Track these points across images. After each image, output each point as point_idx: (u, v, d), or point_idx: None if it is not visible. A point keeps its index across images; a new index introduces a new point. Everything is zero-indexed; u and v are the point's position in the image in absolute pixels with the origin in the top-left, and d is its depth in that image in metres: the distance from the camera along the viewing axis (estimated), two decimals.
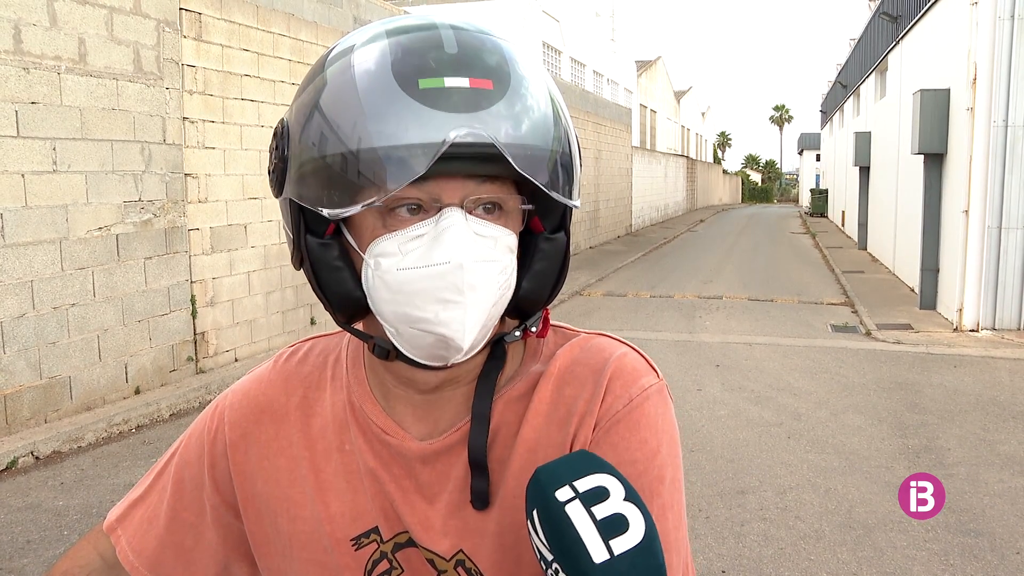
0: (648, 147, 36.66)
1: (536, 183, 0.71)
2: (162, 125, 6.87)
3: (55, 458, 5.44)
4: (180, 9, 7.05)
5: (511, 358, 0.85)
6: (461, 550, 0.81)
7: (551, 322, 0.87)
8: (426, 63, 0.69)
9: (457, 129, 0.67)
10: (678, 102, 49.15)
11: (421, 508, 0.82)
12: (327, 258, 0.75)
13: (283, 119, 0.77)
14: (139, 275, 6.67)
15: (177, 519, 0.91)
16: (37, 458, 5.40)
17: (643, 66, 39.14)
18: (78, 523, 4.42)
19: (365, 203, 0.70)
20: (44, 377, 5.85)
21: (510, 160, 0.68)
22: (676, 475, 0.80)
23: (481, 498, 0.79)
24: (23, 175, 5.65)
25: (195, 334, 7.36)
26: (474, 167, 0.70)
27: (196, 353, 7.37)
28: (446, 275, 0.70)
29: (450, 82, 0.68)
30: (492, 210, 0.73)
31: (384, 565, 0.83)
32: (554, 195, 0.73)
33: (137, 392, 6.68)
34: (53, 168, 5.87)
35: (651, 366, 0.84)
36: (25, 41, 5.64)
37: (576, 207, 0.78)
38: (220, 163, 7.62)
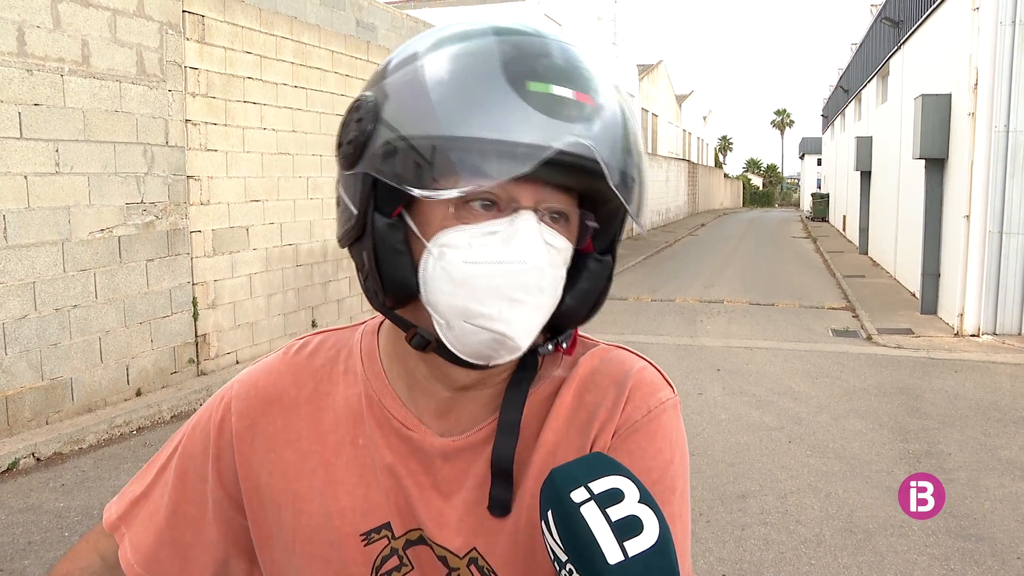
0: (649, 151, 36.68)
1: (623, 203, 0.73)
2: (165, 127, 6.89)
3: (56, 459, 5.45)
4: (183, 12, 7.07)
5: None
6: (475, 548, 0.81)
7: None
8: (536, 67, 0.70)
9: (569, 137, 0.68)
10: (679, 106, 49.17)
11: (437, 504, 0.82)
12: (392, 240, 0.74)
13: (365, 94, 0.75)
14: (141, 277, 6.68)
15: (178, 512, 0.90)
16: (38, 459, 5.40)
17: (645, 70, 39.16)
18: (79, 524, 4.42)
19: (463, 189, 0.68)
20: (46, 378, 5.86)
21: (608, 177, 0.70)
22: (685, 487, 0.82)
23: (503, 506, 0.80)
24: (26, 176, 5.66)
25: (196, 336, 7.36)
26: (555, 175, 0.70)
27: (197, 355, 7.38)
28: (519, 275, 0.70)
29: (557, 90, 0.69)
30: (559, 220, 0.74)
31: (394, 561, 0.83)
32: (636, 221, 0.76)
33: (138, 394, 6.68)
34: (56, 170, 5.88)
35: (667, 382, 0.86)
36: (29, 43, 5.65)
37: (645, 231, 0.81)
38: (222, 165, 7.63)
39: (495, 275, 0.70)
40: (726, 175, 73.14)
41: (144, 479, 0.94)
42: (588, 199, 0.76)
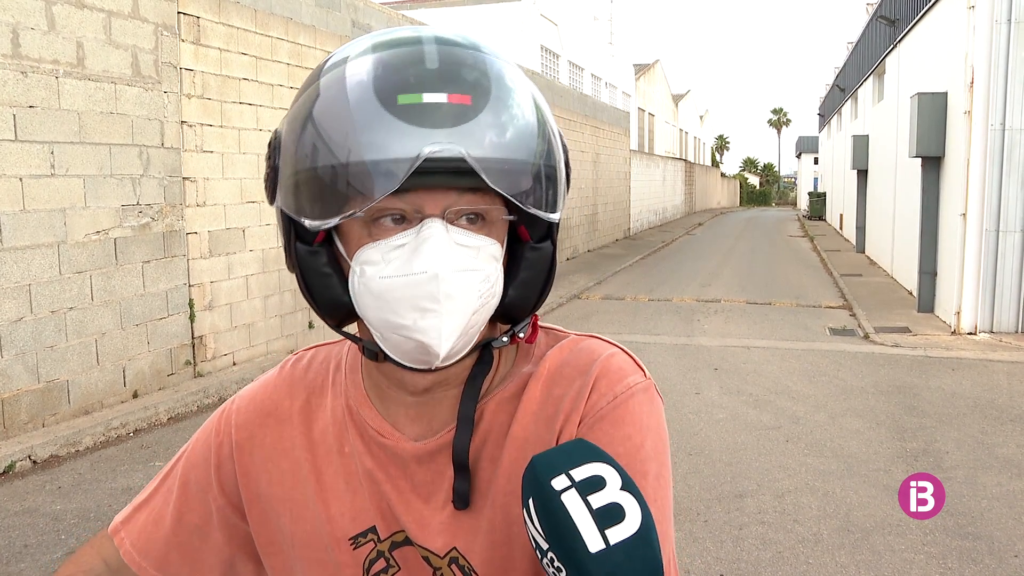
0: (646, 150, 36.69)
1: (508, 197, 0.72)
2: (160, 129, 6.87)
3: (53, 462, 5.43)
4: (178, 13, 7.05)
5: (504, 360, 0.87)
6: (455, 548, 0.83)
7: (542, 325, 0.89)
8: (406, 79, 0.71)
9: (431, 145, 0.69)
10: (676, 105, 49.20)
11: (417, 507, 0.84)
12: (316, 265, 0.78)
13: (276, 130, 0.80)
14: (137, 279, 6.66)
15: (183, 521, 0.94)
16: (35, 462, 5.39)
17: (641, 69, 39.18)
18: (75, 527, 4.41)
19: (343, 215, 0.72)
20: (42, 381, 5.84)
21: (481, 174, 0.70)
22: (661, 471, 0.80)
23: (462, 498, 0.82)
24: (21, 179, 5.65)
25: (193, 338, 7.35)
26: (454, 180, 0.71)
27: (194, 357, 7.37)
28: (423, 284, 0.71)
29: (428, 98, 0.70)
30: (475, 220, 0.75)
31: (381, 563, 0.86)
32: (530, 209, 0.75)
33: (135, 396, 6.67)
34: (51, 172, 5.87)
35: (638, 366, 0.85)
36: (23, 45, 5.64)
37: (554, 221, 0.79)
38: (218, 167, 7.62)
39: (403, 287, 0.72)
40: (723, 174, 73.14)
41: (149, 488, 0.99)
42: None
